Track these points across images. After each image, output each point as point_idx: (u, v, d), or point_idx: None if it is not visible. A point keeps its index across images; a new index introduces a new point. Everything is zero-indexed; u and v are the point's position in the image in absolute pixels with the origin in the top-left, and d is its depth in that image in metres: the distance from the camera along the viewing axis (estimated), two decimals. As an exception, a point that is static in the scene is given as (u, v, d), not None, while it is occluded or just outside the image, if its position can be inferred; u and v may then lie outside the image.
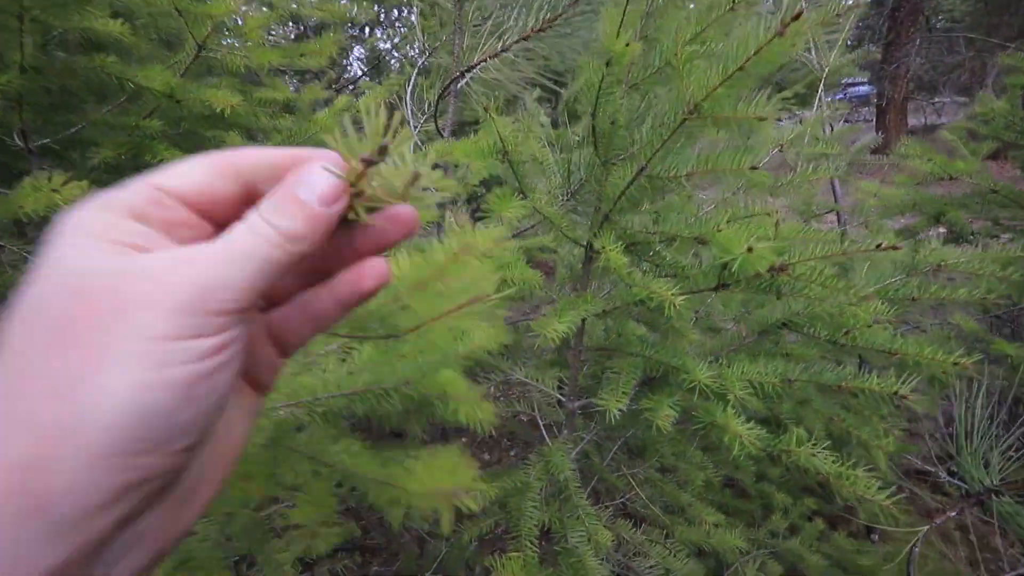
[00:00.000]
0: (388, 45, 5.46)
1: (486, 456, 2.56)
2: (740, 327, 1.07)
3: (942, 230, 2.06)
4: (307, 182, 0.27)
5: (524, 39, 1.15)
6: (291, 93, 1.46)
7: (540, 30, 1.08)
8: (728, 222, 0.72)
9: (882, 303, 0.93)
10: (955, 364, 0.80)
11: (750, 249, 0.67)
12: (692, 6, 1.01)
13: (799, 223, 0.77)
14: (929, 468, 1.62)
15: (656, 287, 0.75)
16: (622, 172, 0.89)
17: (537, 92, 2.61)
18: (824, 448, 0.77)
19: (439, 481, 0.53)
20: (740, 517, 1.92)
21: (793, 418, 0.97)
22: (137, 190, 0.26)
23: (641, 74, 0.92)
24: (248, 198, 0.29)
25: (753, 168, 0.67)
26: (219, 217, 0.29)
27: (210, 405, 0.24)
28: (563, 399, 1.21)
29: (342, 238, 0.30)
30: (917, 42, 7.45)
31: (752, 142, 1.17)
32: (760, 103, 0.70)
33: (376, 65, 5.59)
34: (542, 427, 1.33)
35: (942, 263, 0.97)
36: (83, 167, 1.32)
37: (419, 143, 1.57)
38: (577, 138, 1.23)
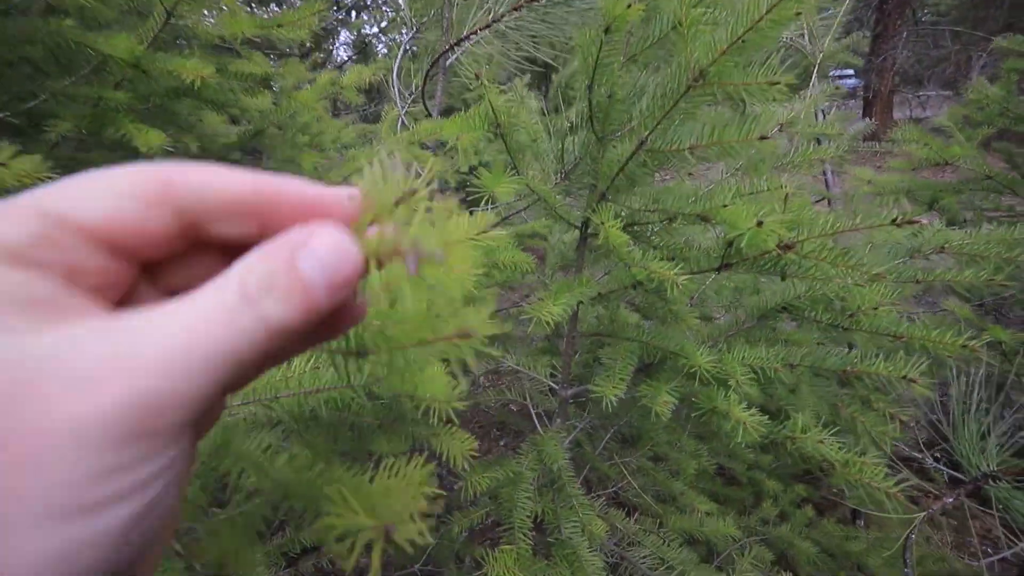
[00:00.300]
0: (375, 29, 5.34)
1: (475, 446, 2.51)
2: (737, 313, 1.04)
3: (925, 221, 2.06)
4: (317, 253, 0.19)
5: (516, 9, 1.09)
6: (270, 67, 1.39)
7: (531, 0, 1.03)
8: (734, 198, 0.68)
9: (886, 286, 0.90)
10: (964, 347, 0.77)
11: (760, 223, 0.63)
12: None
13: (807, 198, 0.73)
14: (916, 454, 1.62)
15: (656, 267, 0.71)
16: (620, 148, 0.84)
17: (528, 78, 2.55)
18: (831, 435, 0.75)
19: (373, 512, 0.46)
20: (731, 505, 1.92)
21: (793, 405, 0.95)
22: (18, 219, 0.17)
23: (640, 45, 0.87)
24: (188, 235, 0.21)
25: (763, 138, 0.63)
26: (140, 253, 0.20)
27: (153, 536, 0.18)
28: (555, 387, 1.17)
29: None
30: (904, 35, 7.50)
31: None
32: (772, 66, 0.66)
33: (363, 50, 5.47)
34: (533, 416, 1.29)
35: (946, 244, 0.95)
36: (44, 142, 1.24)
37: (406, 123, 1.51)
38: (569, 123, 1.18)
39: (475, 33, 1.15)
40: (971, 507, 1.07)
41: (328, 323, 0.23)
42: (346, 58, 5.29)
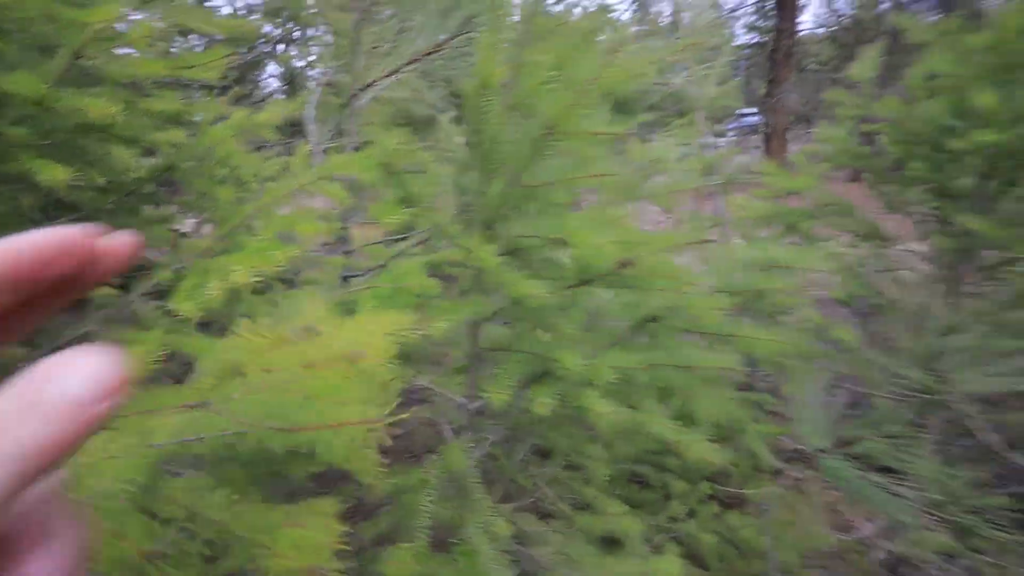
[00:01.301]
0: (304, 63, 5.38)
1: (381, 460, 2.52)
2: (617, 324, 1.19)
3: (714, 239, 2.39)
4: (63, 384, 0.17)
5: (415, 61, 1.22)
6: (181, 104, 1.43)
7: (428, 54, 1.17)
8: (585, 224, 0.82)
9: (728, 295, 1.08)
10: (778, 343, 0.95)
11: (599, 246, 0.77)
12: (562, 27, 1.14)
13: (643, 226, 0.89)
14: (801, 447, 1.85)
15: (523, 285, 0.84)
16: (499, 183, 0.98)
17: (453, 112, 2.71)
18: (671, 420, 0.89)
19: (299, 558, 0.57)
20: (645, 508, 2.07)
21: (661, 401, 1.10)
22: None
23: (517, 96, 1.03)
24: None
25: (599, 176, 0.78)
26: None
27: None
28: (462, 400, 1.27)
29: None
30: (791, 81, 8.53)
31: (623, 158, 1.33)
32: (604, 122, 0.82)
33: (291, 82, 5.48)
34: (446, 431, 1.37)
35: (775, 261, 1.16)
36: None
37: (319, 158, 1.59)
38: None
39: (378, 81, 1.27)
40: (815, 480, 1.25)
41: None
42: (273, 90, 5.28)
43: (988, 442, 1.22)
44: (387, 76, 1.27)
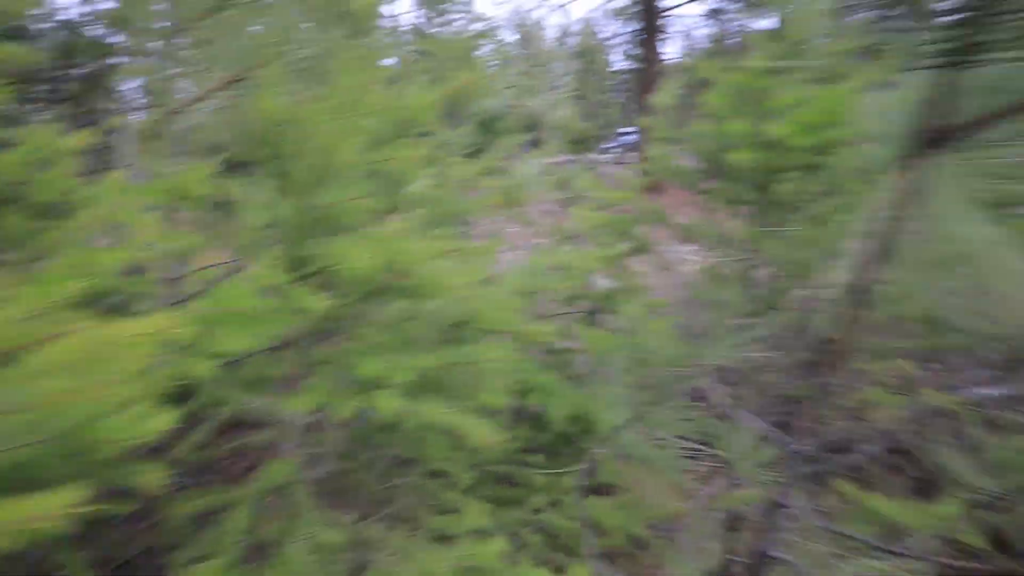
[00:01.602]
0: (146, 81, 5.05)
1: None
2: (432, 332, 1.30)
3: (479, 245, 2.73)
4: None
5: (219, 89, 1.26)
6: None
7: (230, 83, 1.21)
8: (352, 245, 0.92)
9: (519, 296, 1.24)
10: (546, 333, 1.11)
11: (361, 263, 0.87)
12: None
13: (424, 239, 1.01)
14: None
15: (307, 300, 0.91)
16: (290, 208, 1.04)
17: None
18: (456, 410, 1.01)
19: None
20: (512, 505, 2.19)
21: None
22: None
23: (301, 128, 1.10)
24: None
25: (358, 198, 0.88)
26: None
27: None
28: (291, 417, 1.29)
29: None
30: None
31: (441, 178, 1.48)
32: (385, 150, 0.92)
33: (152, 94, 5.07)
34: (280, 450, 1.38)
35: (561, 264, 1.34)
36: None
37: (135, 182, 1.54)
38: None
39: (183, 107, 1.28)
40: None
41: None
42: (119, 107, 4.88)
43: (722, 405, 1.50)
44: (192, 104, 1.29)
